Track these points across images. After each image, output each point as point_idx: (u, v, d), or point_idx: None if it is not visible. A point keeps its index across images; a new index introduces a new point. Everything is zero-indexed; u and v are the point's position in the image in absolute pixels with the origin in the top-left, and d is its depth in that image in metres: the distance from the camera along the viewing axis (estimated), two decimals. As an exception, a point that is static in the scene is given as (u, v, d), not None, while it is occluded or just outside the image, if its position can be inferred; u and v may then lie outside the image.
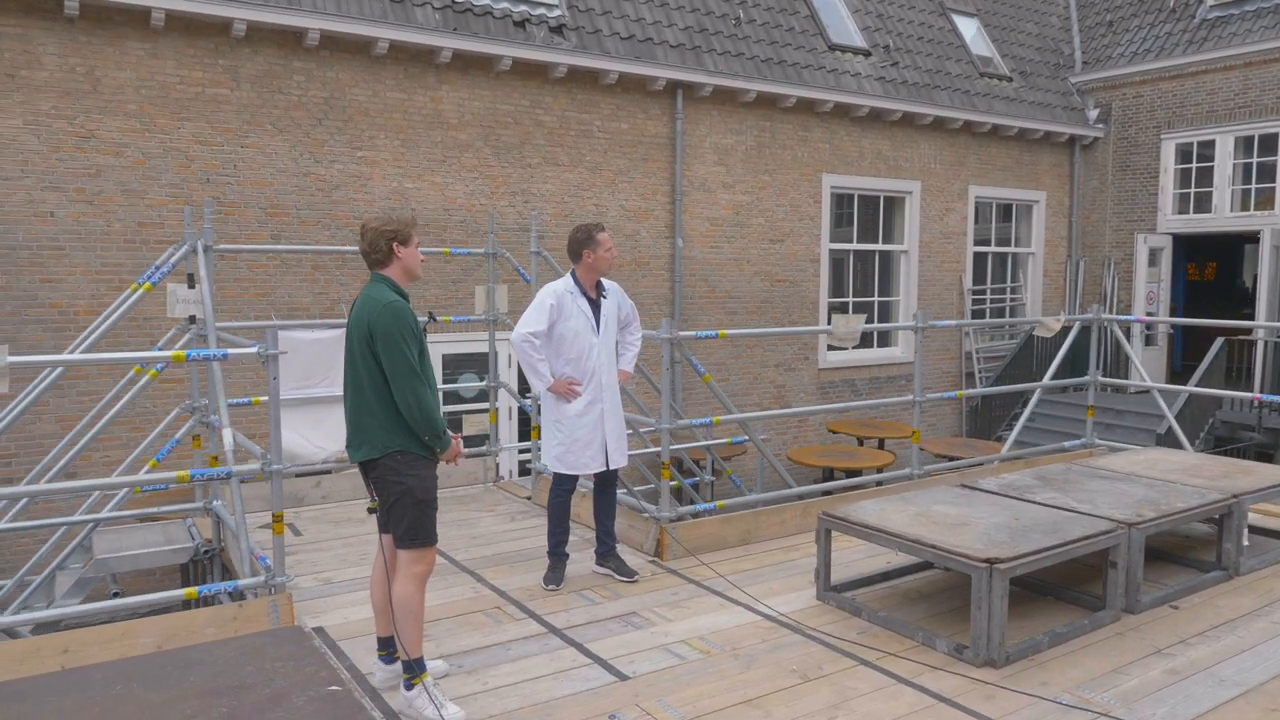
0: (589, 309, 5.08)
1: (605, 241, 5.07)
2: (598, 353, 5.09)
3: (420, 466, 3.67)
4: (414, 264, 3.81)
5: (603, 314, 5.13)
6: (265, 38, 8.85)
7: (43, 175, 8.02)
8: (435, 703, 3.57)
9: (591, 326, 5.08)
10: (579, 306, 5.06)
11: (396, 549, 3.72)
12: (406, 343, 3.57)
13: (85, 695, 2.77)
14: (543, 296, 5.03)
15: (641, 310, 11.32)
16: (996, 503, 5.09)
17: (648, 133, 11.25)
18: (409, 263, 3.79)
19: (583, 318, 5.06)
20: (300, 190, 9.18)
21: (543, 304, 5.01)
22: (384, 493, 3.69)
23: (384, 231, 3.73)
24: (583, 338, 5.05)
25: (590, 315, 5.08)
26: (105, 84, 8.20)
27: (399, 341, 3.55)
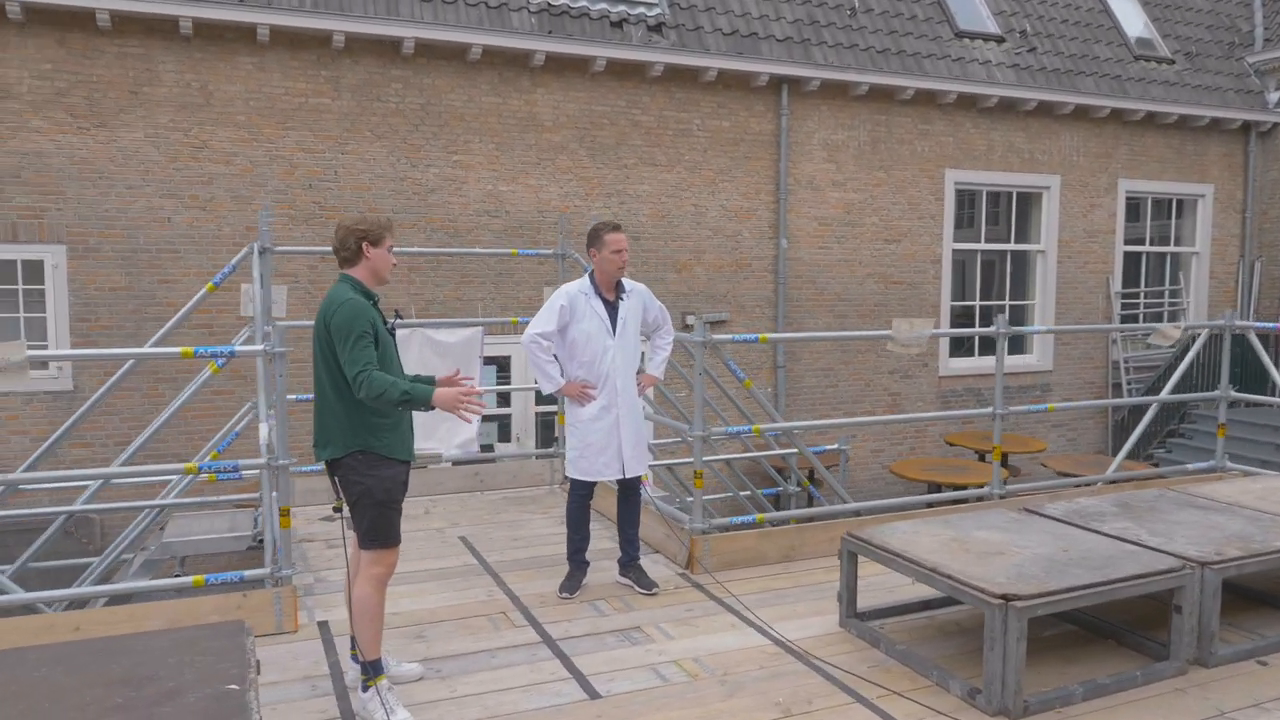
0: (604, 311, 4.88)
1: (612, 242, 4.80)
2: (613, 356, 4.88)
3: (381, 467, 3.62)
4: (382, 266, 3.75)
5: (620, 316, 4.91)
6: (364, 48, 9.20)
7: (161, 183, 8.65)
8: (385, 707, 3.50)
9: (606, 329, 4.87)
10: (593, 308, 4.87)
11: (359, 549, 3.69)
12: (357, 335, 3.51)
13: (5, 675, 2.86)
14: (555, 297, 4.89)
15: (742, 313, 11.03)
16: (1052, 530, 4.53)
17: (750, 130, 10.92)
18: (377, 264, 3.74)
19: (597, 319, 4.87)
20: (397, 194, 9.48)
21: (553, 305, 4.86)
22: (346, 493, 3.66)
23: (355, 230, 3.71)
24: (596, 340, 4.86)
25: (605, 317, 4.88)
26: (217, 97, 8.76)
27: (348, 334, 3.50)
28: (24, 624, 4.17)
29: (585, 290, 4.89)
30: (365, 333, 3.52)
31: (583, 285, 4.92)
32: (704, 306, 10.91)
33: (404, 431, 3.72)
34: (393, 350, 3.74)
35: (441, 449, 7.46)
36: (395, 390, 3.44)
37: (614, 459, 4.93)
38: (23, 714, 2.65)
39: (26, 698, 2.73)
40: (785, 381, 11.29)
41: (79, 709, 2.68)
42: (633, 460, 4.97)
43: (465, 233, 9.73)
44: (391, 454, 3.64)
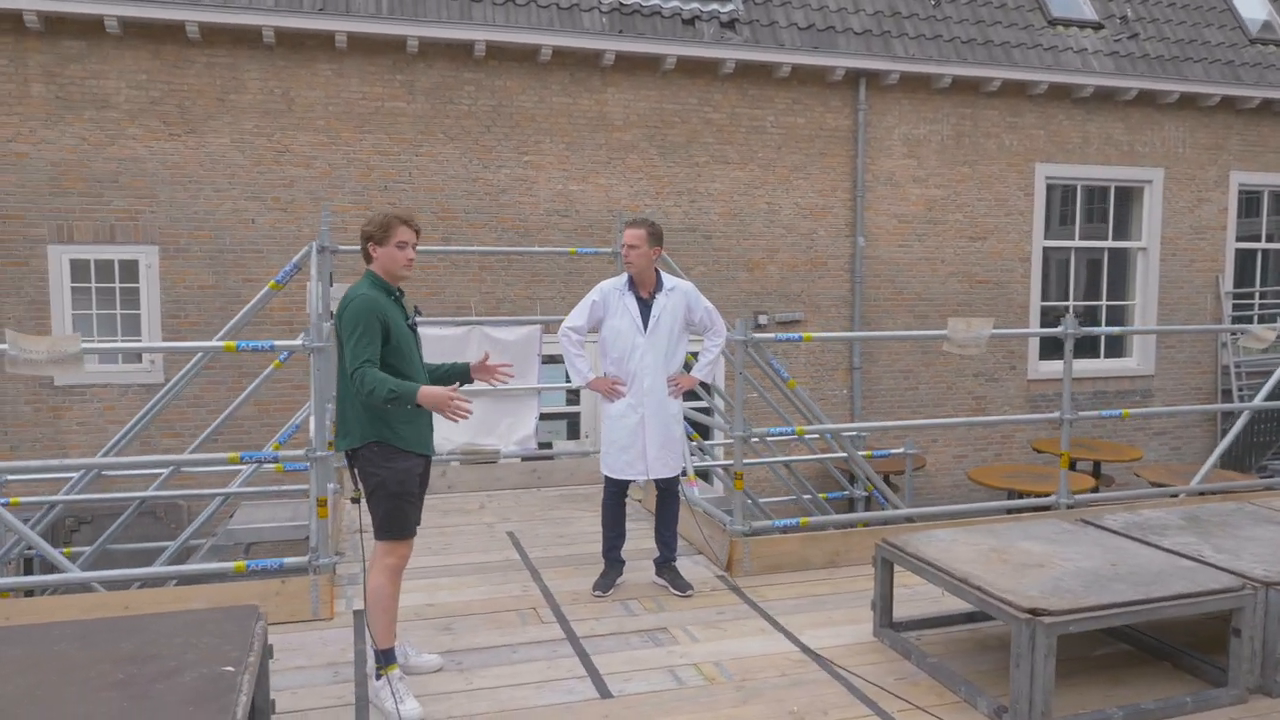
0: (636, 308, 4.83)
1: (627, 237, 4.79)
2: (641, 354, 4.80)
3: (396, 459, 3.67)
4: (391, 263, 3.74)
5: (653, 314, 4.82)
6: (438, 52, 9.40)
7: (246, 186, 9.05)
8: (395, 696, 3.55)
9: (637, 326, 4.81)
10: (625, 305, 4.83)
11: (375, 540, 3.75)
12: (361, 330, 3.55)
13: (28, 649, 3.01)
14: (589, 294, 4.93)
15: (817, 313, 10.80)
16: (1103, 543, 4.26)
17: (826, 126, 10.69)
18: (385, 262, 3.75)
19: (628, 317, 4.82)
20: (469, 195, 9.66)
21: (586, 301, 4.91)
22: (364, 483, 3.73)
23: (363, 231, 3.78)
24: (626, 337, 4.81)
25: (636, 314, 4.82)
26: (298, 103, 9.10)
27: (354, 329, 3.56)
28: (78, 601, 4.41)
29: (620, 286, 4.88)
30: (369, 328, 3.55)
31: (619, 281, 4.92)
32: (777, 306, 10.73)
33: (421, 425, 3.76)
34: (412, 345, 3.77)
35: (501, 445, 7.56)
36: (383, 388, 3.47)
37: (637, 459, 4.85)
38: (32, 686, 2.78)
39: (39, 670, 2.88)
40: (861, 383, 11.00)
41: (82, 683, 2.80)
42: (658, 462, 4.87)
43: (535, 232, 9.84)
44: (408, 446, 3.68)
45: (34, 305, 8.61)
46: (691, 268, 10.39)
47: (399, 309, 3.76)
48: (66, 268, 8.67)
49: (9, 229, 8.51)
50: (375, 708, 3.62)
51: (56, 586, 5.26)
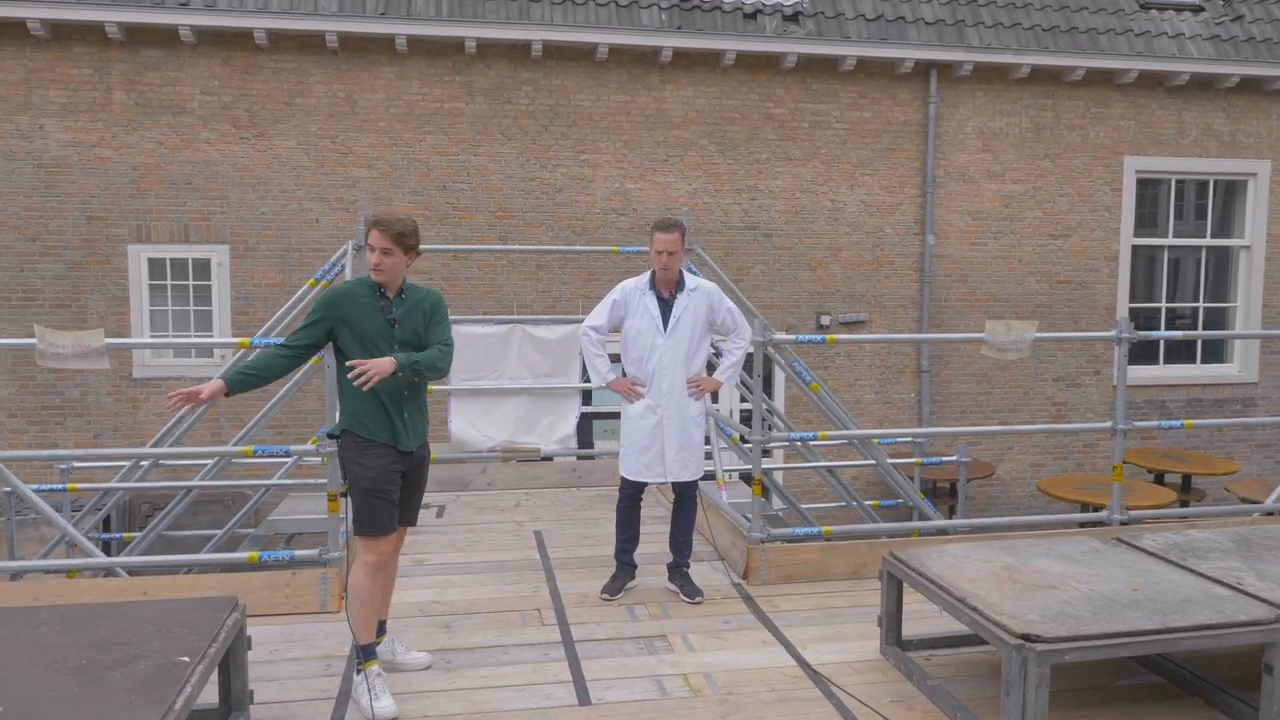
0: (656, 308, 4.75)
1: (658, 242, 4.67)
2: (660, 355, 4.73)
3: (367, 454, 3.66)
4: (369, 263, 3.78)
5: (674, 314, 4.75)
6: (496, 53, 9.49)
7: (311, 187, 9.33)
8: (370, 692, 3.57)
9: (656, 326, 4.74)
10: (645, 304, 4.76)
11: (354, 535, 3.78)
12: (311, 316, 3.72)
13: (11, 630, 3.14)
14: (610, 293, 4.88)
15: (883, 314, 10.46)
16: (1132, 565, 3.95)
17: (894, 120, 10.33)
18: (368, 262, 3.79)
19: (647, 316, 4.75)
20: (526, 194, 9.72)
21: (607, 300, 4.86)
22: (344, 477, 3.76)
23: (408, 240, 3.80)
24: (645, 337, 4.75)
25: (656, 314, 4.75)
26: (361, 105, 9.33)
27: (311, 316, 3.73)
28: (102, 584, 4.61)
29: (641, 286, 4.81)
30: (313, 316, 3.71)
31: (640, 281, 4.84)
32: (840, 306, 10.44)
33: (391, 417, 3.70)
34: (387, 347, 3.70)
35: (541, 444, 7.57)
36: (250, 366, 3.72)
37: (655, 461, 4.78)
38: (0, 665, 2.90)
39: (12, 651, 2.99)
40: (930, 387, 10.59)
41: (47, 665, 2.90)
42: (676, 464, 4.78)
43: (592, 231, 9.83)
44: (372, 436, 3.66)
45: (115, 302, 9.09)
46: (751, 266, 10.22)
47: (374, 308, 3.72)
48: (144, 266, 9.13)
49: (94, 229, 9.01)
50: (354, 702, 3.65)
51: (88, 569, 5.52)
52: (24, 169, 8.83)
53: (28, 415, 9.01)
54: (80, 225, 8.98)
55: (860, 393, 10.53)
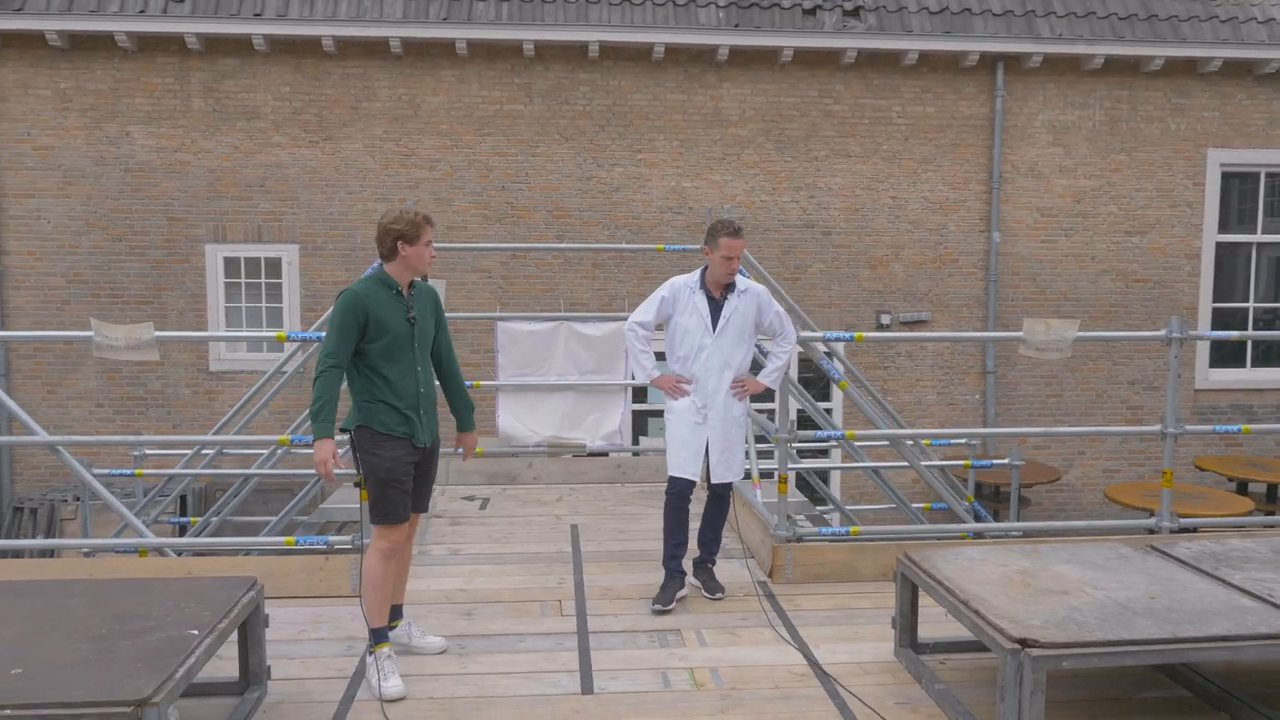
0: (706, 307, 4.68)
1: (726, 247, 4.59)
2: (708, 355, 4.67)
3: (383, 446, 3.77)
4: (417, 261, 3.84)
5: (723, 315, 4.68)
6: (554, 55, 9.64)
7: (375, 188, 9.65)
8: (380, 673, 3.70)
9: (705, 326, 4.66)
10: (695, 303, 4.69)
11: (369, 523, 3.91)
12: (337, 327, 3.71)
13: (45, 601, 3.38)
14: (659, 289, 4.83)
15: (946, 313, 10.24)
16: (1158, 573, 3.81)
17: (959, 115, 10.08)
18: (413, 260, 3.85)
19: (696, 316, 4.68)
20: (583, 193, 9.85)
21: (655, 296, 4.80)
22: (360, 468, 3.90)
23: (391, 230, 3.85)
24: (692, 337, 4.69)
25: (706, 314, 4.67)
26: (423, 108, 9.61)
27: (332, 325, 3.74)
28: (151, 563, 4.89)
29: (691, 284, 4.75)
30: (346, 325, 3.71)
31: (690, 279, 4.78)
32: (901, 305, 10.25)
33: (406, 412, 3.82)
34: (408, 343, 3.83)
35: (587, 440, 7.66)
36: (316, 405, 3.70)
37: (694, 458, 4.72)
38: (29, 632, 3.11)
39: (42, 620, 3.22)
40: (995, 388, 10.31)
41: (69, 634, 3.11)
42: (719, 465, 4.74)
43: (648, 230, 9.89)
44: (389, 430, 3.77)
45: (193, 298, 9.58)
46: (809, 265, 10.12)
47: (399, 303, 3.83)
48: (220, 264, 9.59)
49: (174, 230, 9.52)
50: (366, 682, 3.79)
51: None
52: (112, 173, 9.39)
53: (114, 405, 9.57)
54: (162, 226, 9.50)
55: (922, 393, 10.31)
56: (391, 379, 3.80)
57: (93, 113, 9.31)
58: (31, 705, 2.61)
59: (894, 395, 10.14)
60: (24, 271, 9.37)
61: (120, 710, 2.61)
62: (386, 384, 3.79)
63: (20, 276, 9.37)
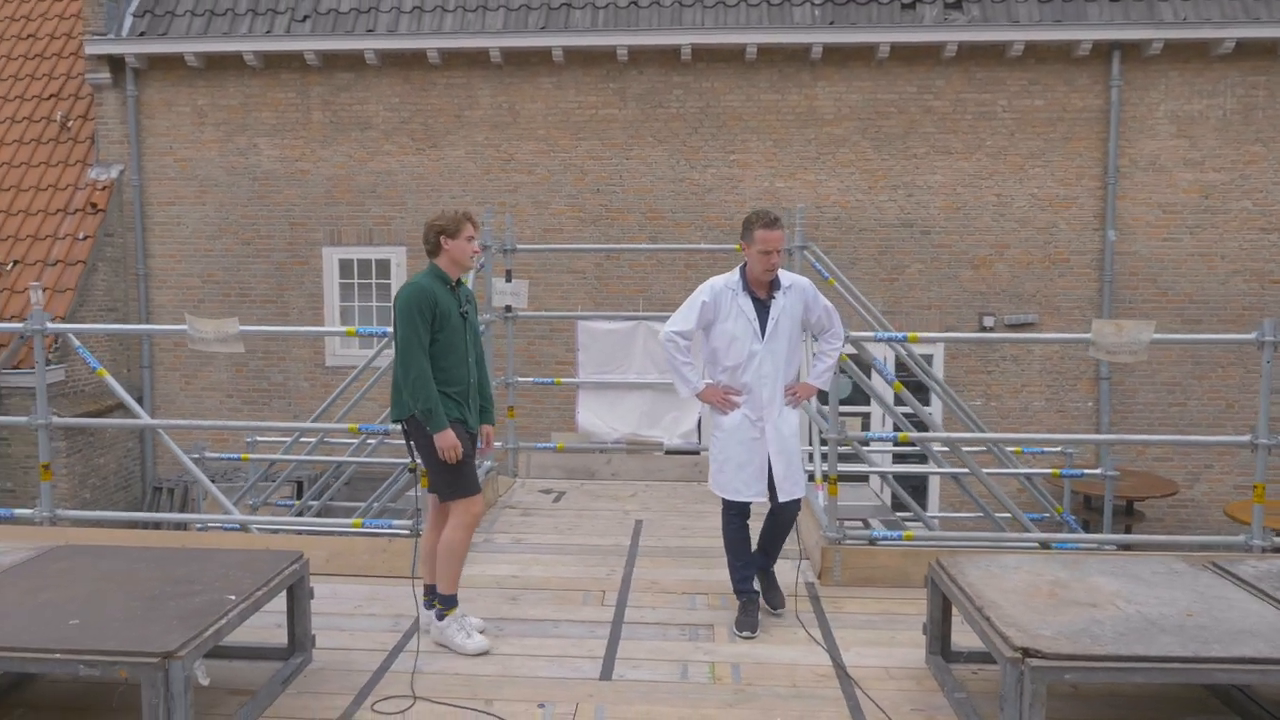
0: (753, 310, 4.28)
1: (763, 240, 4.20)
2: (759, 362, 4.28)
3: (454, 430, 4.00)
4: (460, 254, 4.12)
5: (772, 316, 4.27)
6: (648, 59, 9.79)
7: (477, 193, 10.07)
8: (464, 631, 4.01)
9: (753, 331, 4.27)
10: (739, 306, 4.29)
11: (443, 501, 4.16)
12: (410, 319, 3.94)
13: (116, 564, 3.76)
14: (697, 292, 4.40)
15: (1055, 315, 9.80)
16: (1206, 590, 3.59)
17: (1070, 107, 9.61)
18: (455, 254, 4.13)
19: (742, 319, 4.29)
20: (676, 195, 9.95)
21: (694, 301, 4.38)
22: (419, 454, 4.13)
23: (434, 226, 4.17)
24: (740, 344, 4.28)
25: (753, 317, 4.28)
26: (522, 115, 9.95)
27: (403, 318, 3.96)
28: (242, 538, 5.32)
29: (733, 285, 4.35)
30: (414, 321, 3.93)
31: (730, 279, 4.39)
32: (1006, 307, 9.84)
33: (458, 399, 4.07)
34: (462, 335, 4.10)
35: (665, 438, 7.76)
36: (422, 401, 3.91)
37: (755, 478, 4.34)
38: (96, 591, 3.49)
39: (110, 580, 3.60)
40: (1110, 395, 9.75)
41: (129, 592, 3.46)
42: (786, 481, 4.33)
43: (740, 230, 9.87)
44: (447, 414, 4.00)
45: (311, 298, 10.26)
46: (907, 265, 9.88)
47: (455, 299, 4.11)
48: (336, 266, 10.24)
49: (295, 234, 10.22)
50: (444, 645, 4.05)
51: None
52: (241, 182, 10.18)
53: (241, 396, 10.37)
54: (284, 231, 10.22)
55: (1029, 399, 9.88)
56: (447, 368, 4.03)
57: (225, 127, 10.13)
58: (77, 651, 2.95)
59: (997, 400, 9.77)
60: (165, 272, 10.29)
61: (148, 660, 2.90)
62: (443, 373, 4.02)
63: (162, 277, 10.29)
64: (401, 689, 3.74)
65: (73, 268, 9.48)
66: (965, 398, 9.78)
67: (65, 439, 8.99)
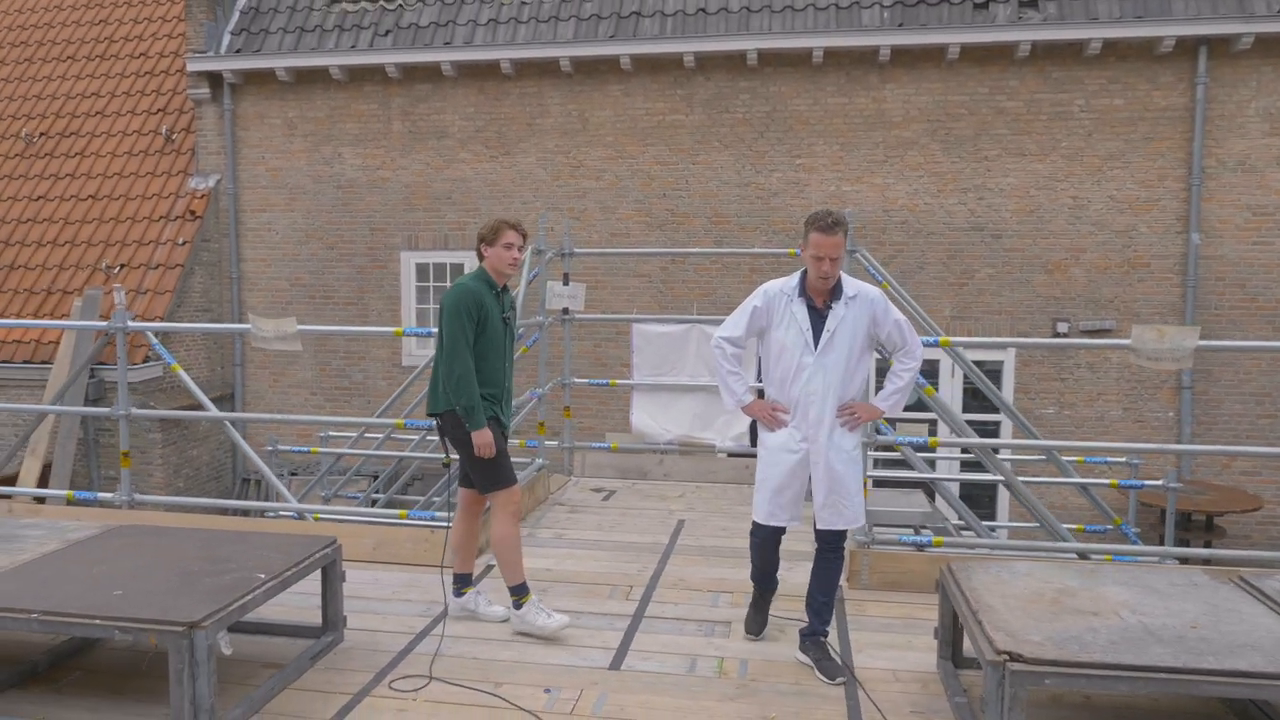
0: (807, 319, 3.93)
1: (816, 245, 3.81)
2: (809, 377, 3.92)
3: (494, 427, 4.21)
4: (497, 261, 4.30)
5: (828, 328, 3.91)
6: (714, 65, 9.88)
7: (547, 199, 10.35)
8: (545, 613, 4.22)
9: (805, 342, 3.91)
10: (793, 314, 3.96)
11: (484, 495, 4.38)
12: (458, 318, 4.11)
13: (166, 541, 4.10)
14: (750, 297, 4.11)
15: (1137, 322, 9.42)
16: (1219, 604, 3.50)
17: (1152, 106, 9.24)
18: (493, 260, 4.31)
19: (795, 329, 3.94)
20: (741, 199, 10.01)
21: (746, 306, 4.10)
22: (455, 448, 4.33)
23: (479, 234, 4.40)
24: (790, 354, 3.95)
25: (806, 327, 3.92)
26: (591, 122, 10.18)
27: (451, 317, 4.13)
28: (298, 525, 5.67)
29: (789, 291, 4.02)
30: (461, 321, 4.11)
31: (788, 284, 4.06)
32: (1082, 313, 9.53)
33: (491, 401, 4.24)
34: (501, 338, 4.27)
35: (717, 440, 7.84)
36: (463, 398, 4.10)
37: (791, 502, 4.01)
38: (145, 564, 3.82)
39: (158, 554, 3.93)
40: (1192, 405, 9.33)
41: (170, 567, 3.78)
42: (826, 509, 3.94)
43: (805, 234, 9.86)
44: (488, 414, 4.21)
45: (390, 300, 10.72)
46: (977, 270, 9.68)
47: (497, 303, 4.28)
48: (413, 270, 10.67)
49: (375, 239, 10.71)
50: (524, 633, 4.26)
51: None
52: (326, 190, 10.73)
53: (325, 394, 10.92)
54: (365, 236, 10.72)
55: (1105, 408, 9.54)
56: (485, 370, 4.20)
57: (312, 137, 10.69)
58: (114, 618, 3.26)
59: (1071, 409, 9.48)
60: (256, 275, 10.92)
61: (175, 629, 3.19)
62: (480, 374, 4.18)
63: (254, 280, 10.93)
64: (420, 669, 3.96)
65: (172, 271, 10.19)
66: (1037, 405, 9.53)
67: (160, 430, 9.67)
